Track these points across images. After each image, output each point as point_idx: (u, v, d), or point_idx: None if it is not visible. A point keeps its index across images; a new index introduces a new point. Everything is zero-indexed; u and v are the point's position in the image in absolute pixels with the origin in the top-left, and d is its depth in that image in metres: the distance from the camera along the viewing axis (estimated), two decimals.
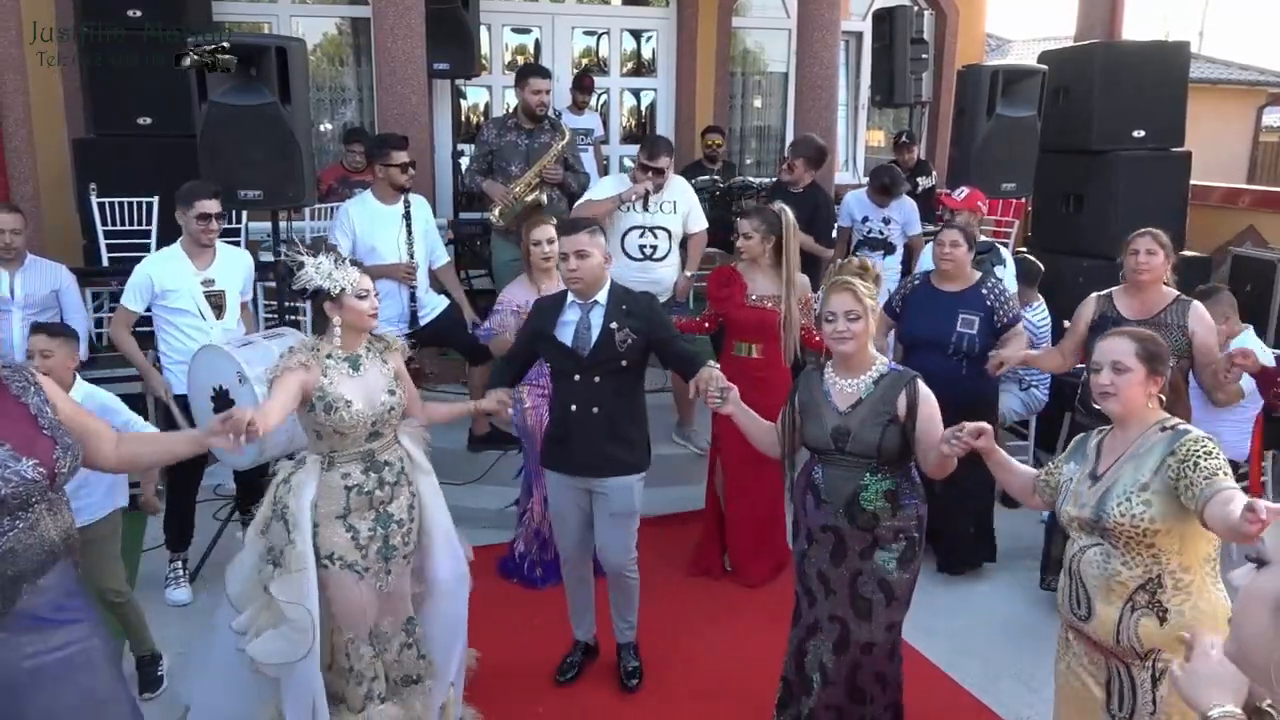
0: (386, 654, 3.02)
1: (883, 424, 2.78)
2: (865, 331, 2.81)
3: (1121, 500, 2.33)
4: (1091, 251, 6.41)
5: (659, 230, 5.04)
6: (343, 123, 7.98)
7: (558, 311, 3.36)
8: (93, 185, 5.99)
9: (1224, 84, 15.88)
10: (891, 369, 2.88)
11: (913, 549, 2.87)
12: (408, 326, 4.88)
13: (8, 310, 4.60)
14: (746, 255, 4.27)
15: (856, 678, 2.91)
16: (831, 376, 2.91)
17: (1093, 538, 2.41)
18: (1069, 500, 2.48)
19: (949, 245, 4.32)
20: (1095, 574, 2.38)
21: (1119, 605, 2.34)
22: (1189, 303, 3.90)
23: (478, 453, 5.28)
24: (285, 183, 4.47)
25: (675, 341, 3.38)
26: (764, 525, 4.50)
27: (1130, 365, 2.41)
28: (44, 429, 2.24)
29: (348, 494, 2.85)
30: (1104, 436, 2.52)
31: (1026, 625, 4.17)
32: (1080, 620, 2.43)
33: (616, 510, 3.42)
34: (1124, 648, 2.34)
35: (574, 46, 8.52)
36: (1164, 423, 2.40)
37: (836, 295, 2.83)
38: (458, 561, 3.11)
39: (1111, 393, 2.42)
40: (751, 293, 4.27)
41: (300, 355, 2.80)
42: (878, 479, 2.82)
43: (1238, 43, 38.27)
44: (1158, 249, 3.89)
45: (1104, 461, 2.46)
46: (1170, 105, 6.43)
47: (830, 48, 6.39)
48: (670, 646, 3.91)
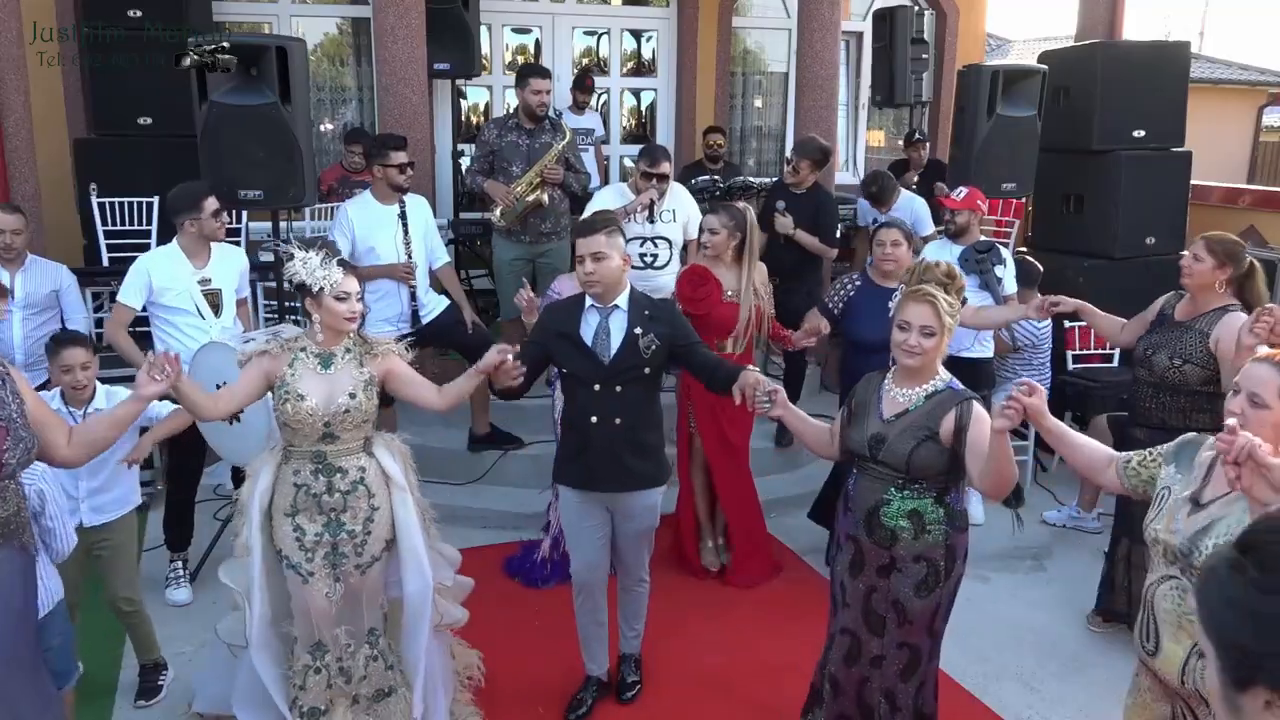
0: (341, 675, 2.95)
1: (918, 438, 2.63)
2: (936, 349, 2.65)
3: (1220, 542, 2.07)
4: (1092, 251, 6.41)
5: (660, 240, 5.08)
6: (343, 123, 7.98)
7: (578, 316, 3.20)
8: (93, 185, 5.99)
9: (1224, 84, 15.88)
10: (950, 386, 2.70)
11: (936, 578, 2.70)
12: (408, 326, 4.88)
13: (8, 310, 4.60)
14: (712, 251, 4.29)
15: (864, 692, 2.84)
16: (889, 383, 2.78)
17: (1173, 569, 2.20)
18: (1162, 519, 2.25)
19: (890, 245, 4.26)
20: (1169, 608, 2.19)
21: (1188, 645, 2.14)
22: (1226, 312, 3.69)
23: (478, 453, 5.29)
24: (286, 183, 4.46)
25: (699, 348, 3.26)
26: (751, 522, 4.51)
27: (1270, 403, 2.14)
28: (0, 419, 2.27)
29: (295, 491, 2.85)
30: (1218, 456, 2.19)
31: (1027, 625, 4.17)
32: (1148, 654, 2.25)
33: (638, 528, 3.35)
34: (1188, 690, 2.16)
35: (574, 46, 8.52)
36: None
37: (915, 305, 2.64)
38: (424, 582, 2.99)
39: (1239, 425, 2.13)
40: (726, 289, 4.29)
41: (272, 343, 2.85)
42: (903, 496, 2.68)
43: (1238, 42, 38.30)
44: (1205, 257, 3.72)
45: (1212, 489, 2.19)
46: (1171, 105, 6.43)
47: (830, 48, 6.38)
48: (669, 647, 3.91)
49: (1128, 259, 6.32)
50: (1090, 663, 3.91)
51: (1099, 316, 4.23)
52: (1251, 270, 3.76)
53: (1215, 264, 3.70)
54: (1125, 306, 5.53)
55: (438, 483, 5.12)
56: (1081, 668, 3.87)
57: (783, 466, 5.49)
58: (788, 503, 5.10)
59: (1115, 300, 5.89)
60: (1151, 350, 3.85)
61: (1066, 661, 3.91)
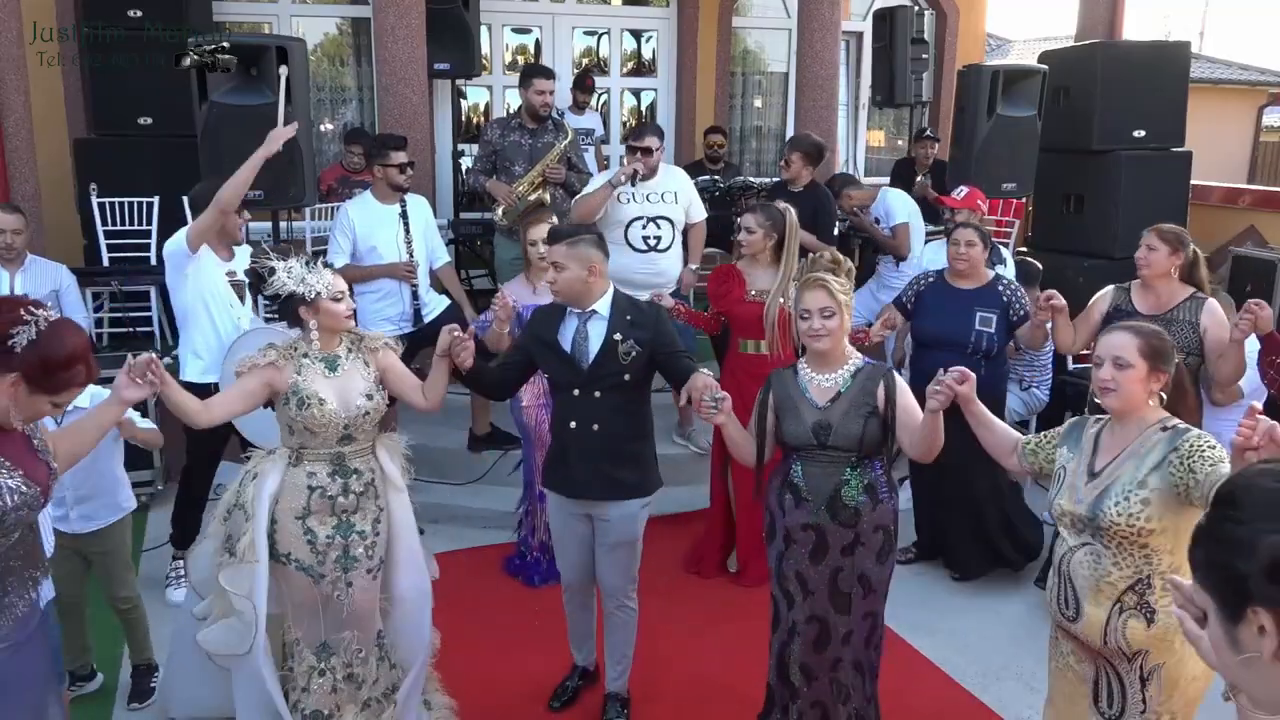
0: (353, 679, 2.94)
1: (864, 416, 2.78)
2: (840, 328, 2.82)
3: (1120, 499, 2.30)
4: (1092, 251, 6.41)
5: (661, 220, 4.99)
6: (343, 123, 7.99)
7: (559, 320, 3.19)
8: (93, 185, 5.99)
9: (1224, 84, 15.88)
10: (866, 362, 2.89)
11: (890, 543, 2.89)
12: (410, 325, 4.88)
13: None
14: (748, 250, 4.27)
15: (838, 671, 2.91)
16: (807, 372, 2.89)
17: (1083, 537, 2.39)
18: (1064, 494, 2.44)
19: (964, 245, 4.33)
20: (1085, 574, 2.36)
21: (1107, 606, 2.32)
22: (1204, 299, 3.86)
23: (478, 453, 5.29)
24: (286, 183, 4.47)
25: (679, 357, 3.16)
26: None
27: (1132, 361, 2.36)
28: (39, 453, 2.26)
29: (310, 494, 2.82)
30: (1102, 428, 2.47)
31: (1026, 625, 4.16)
32: (1068, 620, 2.42)
33: (617, 539, 3.24)
34: (1111, 649, 2.34)
35: (574, 46, 8.52)
36: (1165, 422, 2.36)
37: (810, 292, 2.83)
38: (421, 577, 3.02)
39: (1112, 388, 2.38)
40: (751, 288, 4.27)
41: (272, 354, 2.80)
42: (858, 473, 2.81)
43: (1238, 42, 38.28)
44: (1159, 245, 3.88)
45: (1102, 457, 2.42)
46: (1171, 105, 6.43)
47: (830, 48, 6.39)
48: (669, 647, 3.91)
49: (1128, 259, 6.26)
50: None
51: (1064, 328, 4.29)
52: (1196, 256, 3.97)
53: (1169, 250, 3.88)
54: None
55: (438, 483, 5.13)
56: None
57: None
58: None
59: None
60: None
61: None
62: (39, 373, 2.08)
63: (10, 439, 2.20)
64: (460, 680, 3.43)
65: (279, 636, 2.95)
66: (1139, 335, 2.40)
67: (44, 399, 2.13)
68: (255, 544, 2.76)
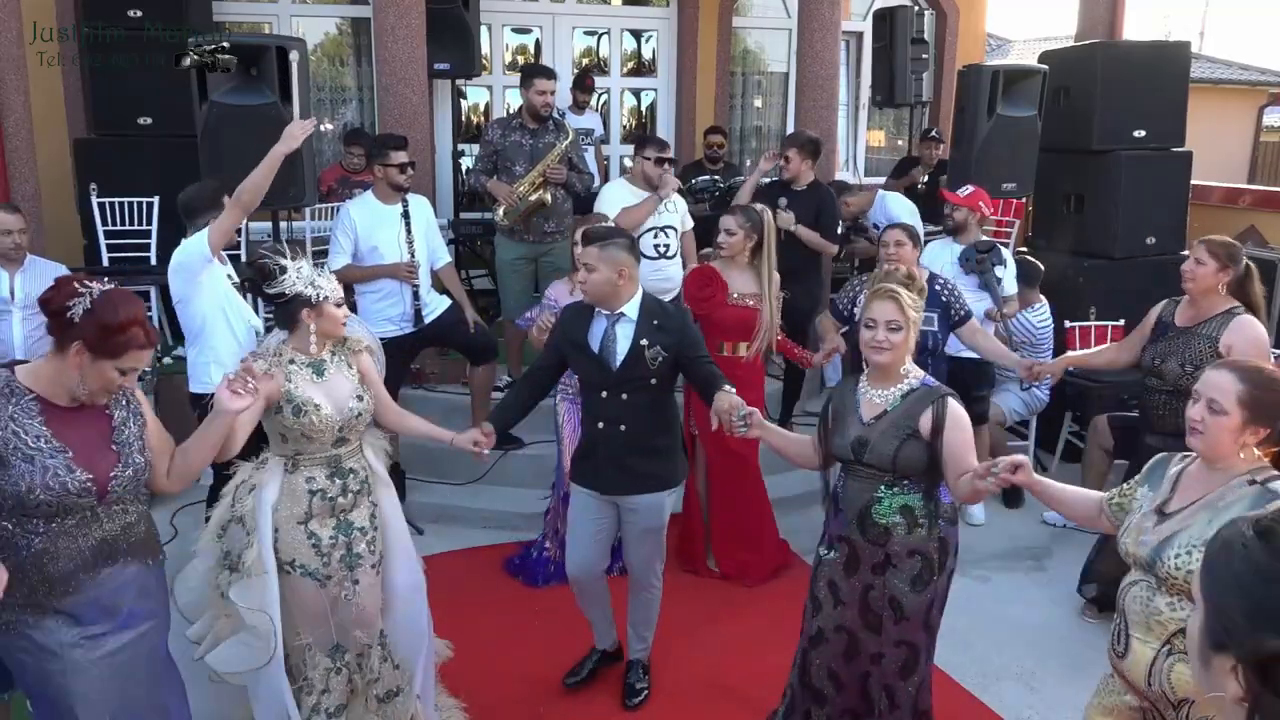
0: (359, 673, 2.96)
1: (901, 437, 2.69)
2: (904, 343, 2.73)
3: (1182, 553, 2.11)
4: (1092, 251, 6.41)
5: (669, 229, 5.17)
6: (343, 123, 7.98)
7: (588, 321, 3.26)
8: (93, 185, 5.99)
9: (1225, 84, 15.88)
10: (924, 384, 2.78)
11: (930, 571, 2.75)
12: (411, 326, 4.88)
13: (8, 311, 4.60)
14: (728, 252, 4.29)
15: (866, 685, 2.88)
16: (864, 386, 2.84)
17: (1146, 575, 2.22)
18: (1130, 533, 2.27)
19: (893, 245, 4.32)
20: (1137, 610, 2.20)
21: (1155, 645, 2.15)
22: (1234, 315, 3.74)
23: None
24: (286, 183, 4.45)
25: (704, 361, 3.24)
26: (751, 522, 4.51)
27: (1227, 408, 2.13)
28: (114, 443, 2.30)
29: (310, 498, 2.83)
30: (1186, 466, 2.27)
31: (1027, 625, 4.17)
32: (1118, 657, 2.25)
33: (645, 527, 3.36)
34: (1155, 692, 2.15)
35: (574, 46, 8.51)
36: (1256, 474, 2.12)
37: (880, 303, 2.73)
38: (414, 571, 3.07)
39: (1200, 430, 2.17)
40: (732, 291, 4.27)
41: (262, 363, 2.75)
42: (893, 493, 2.74)
43: (1238, 42, 38.29)
44: (1207, 259, 3.76)
45: (1178, 499, 2.22)
46: (1171, 105, 6.42)
47: (831, 48, 6.38)
48: (668, 647, 3.91)
49: (1128, 259, 6.31)
50: (1090, 662, 3.89)
51: (1090, 357, 4.34)
52: (1249, 270, 3.82)
53: (1218, 266, 3.75)
54: (1125, 306, 5.56)
55: (438, 483, 5.14)
56: (1081, 667, 3.86)
57: (784, 466, 5.47)
58: (790, 502, 5.10)
59: (1115, 300, 5.93)
60: (1160, 359, 3.88)
61: (1066, 662, 3.90)
62: (98, 338, 2.21)
63: (89, 421, 2.30)
64: (461, 680, 3.44)
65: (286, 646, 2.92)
66: (1243, 380, 2.14)
67: (108, 364, 2.24)
68: (261, 556, 2.75)
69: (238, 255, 4.92)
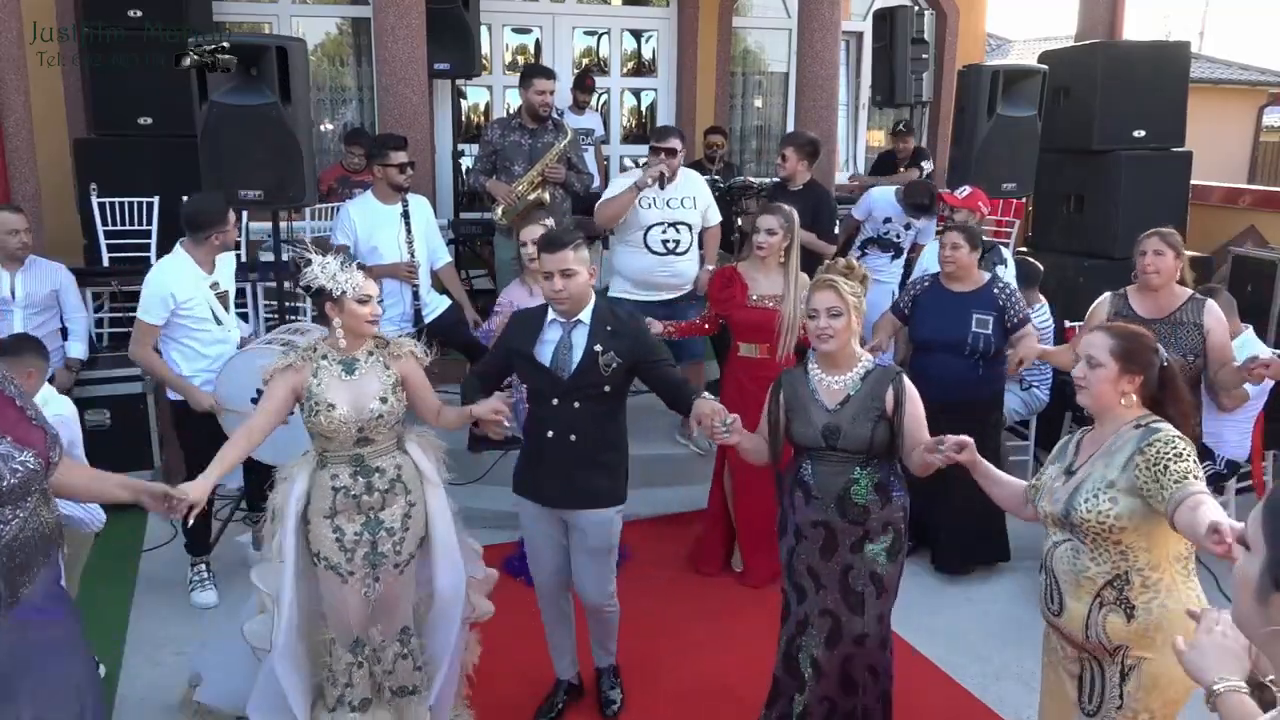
0: (378, 664, 2.98)
1: (873, 420, 2.82)
2: (847, 329, 2.85)
3: (1089, 497, 2.33)
4: (1092, 251, 6.41)
5: (680, 225, 5.01)
6: (343, 123, 7.99)
7: (538, 329, 3.12)
8: (93, 185, 5.99)
9: (1225, 84, 15.89)
10: (878, 364, 2.92)
11: (899, 540, 2.92)
12: (411, 325, 4.89)
13: (8, 310, 4.61)
14: (768, 252, 4.21)
15: (848, 669, 2.93)
16: (817, 374, 2.93)
17: (1064, 533, 2.42)
18: (1044, 498, 2.49)
19: (950, 248, 4.33)
20: (1065, 569, 2.40)
21: (1088, 601, 2.35)
22: (1204, 300, 3.90)
23: (479, 453, 5.28)
24: (286, 183, 4.47)
25: (661, 366, 3.13)
26: (770, 524, 4.50)
27: (1102, 360, 2.39)
28: (33, 420, 2.28)
29: (334, 495, 2.85)
30: (1084, 434, 2.53)
31: (1027, 625, 4.15)
32: (1053, 615, 2.45)
33: (593, 546, 3.22)
34: (1093, 643, 2.36)
35: (574, 46, 8.52)
36: (1140, 419, 2.38)
37: (819, 292, 2.88)
38: (457, 577, 3.01)
39: (1083, 386, 2.44)
40: (753, 293, 4.26)
41: (292, 356, 2.85)
42: (867, 472, 2.86)
43: (1238, 42, 38.27)
44: (1166, 249, 3.90)
45: (1080, 458, 2.47)
46: (1171, 105, 6.43)
47: (831, 47, 6.39)
48: (668, 647, 3.91)
49: (1128, 259, 6.28)
50: None
51: (1058, 353, 4.38)
52: None
53: (1174, 255, 3.93)
54: None
55: None
56: None
57: None
58: None
59: None
60: None
61: None
62: None
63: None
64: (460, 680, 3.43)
65: (317, 636, 2.98)
66: (1114, 336, 2.43)
67: None
68: (282, 545, 2.82)
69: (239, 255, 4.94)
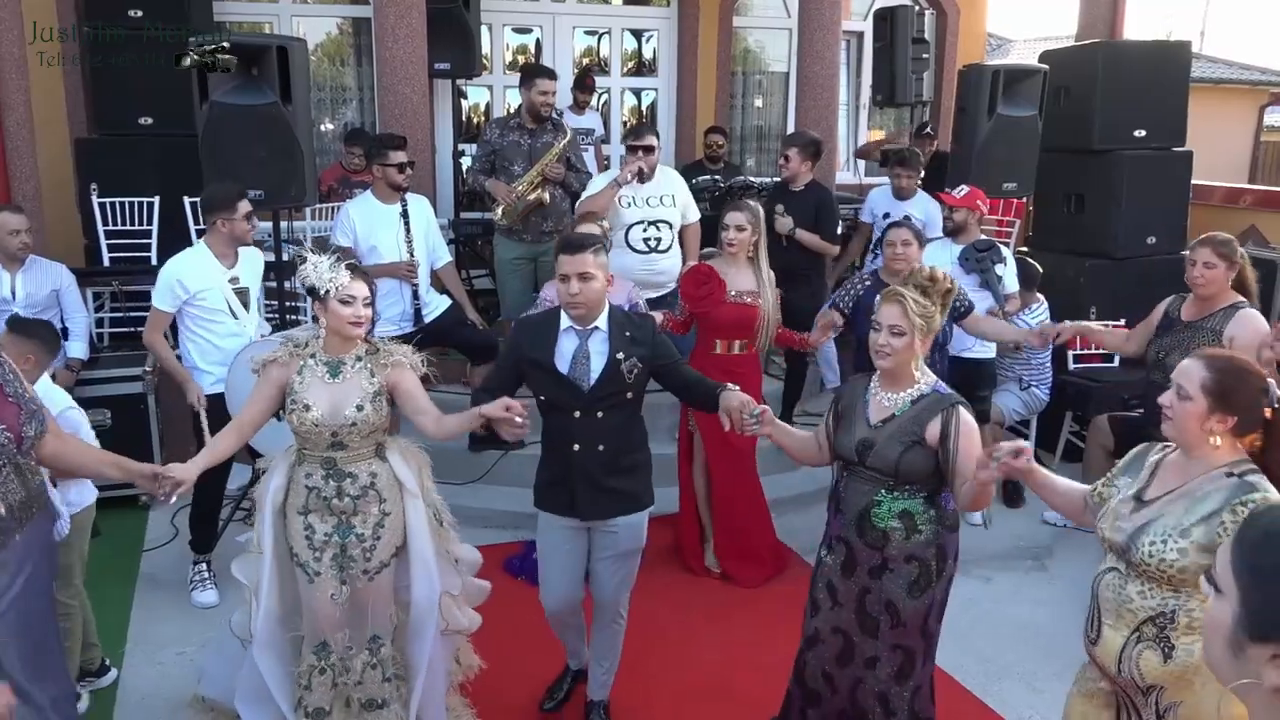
0: (346, 674, 2.94)
1: (905, 444, 2.65)
2: (908, 348, 2.67)
3: (1157, 541, 2.14)
4: (1092, 251, 6.40)
5: (661, 223, 5.08)
6: (343, 123, 7.99)
7: (553, 339, 3.00)
8: (94, 185, 5.99)
9: (1226, 83, 15.88)
10: (935, 390, 2.72)
11: (928, 578, 2.72)
12: (411, 325, 4.89)
13: (9, 310, 4.59)
14: (737, 249, 4.26)
15: (857, 692, 2.83)
16: (875, 387, 2.79)
17: (1118, 562, 2.25)
18: (1107, 518, 2.30)
19: (900, 245, 4.33)
20: (1110, 596, 2.24)
21: (1125, 633, 2.20)
22: (1238, 309, 3.80)
23: (478, 453, 5.28)
24: (286, 182, 4.47)
25: (680, 366, 3.10)
26: (751, 522, 4.51)
27: (1191, 394, 2.17)
28: (9, 396, 2.30)
29: (308, 493, 2.85)
30: (1166, 455, 2.30)
31: (1028, 625, 4.16)
32: (1090, 643, 2.30)
33: (625, 549, 3.16)
34: (1124, 679, 2.21)
35: (575, 46, 8.51)
36: (1234, 467, 2.14)
37: (886, 306, 2.69)
38: (431, 589, 2.96)
39: (1169, 417, 2.22)
40: (730, 289, 4.27)
41: (281, 350, 2.85)
42: (893, 498, 2.70)
43: (1239, 42, 38.15)
44: (1218, 262, 3.81)
45: (1155, 486, 2.25)
46: (1172, 105, 6.42)
47: (831, 47, 6.38)
48: (667, 648, 3.91)
49: (1128, 259, 6.31)
50: None
51: (1102, 333, 4.37)
52: (1244, 259, 3.93)
53: (1227, 266, 3.83)
54: (1125, 306, 5.56)
55: (438, 482, 5.05)
56: None
57: (784, 466, 5.48)
58: (790, 503, 5.10)
59: (1115, 300, 5.93)
60: (1164, 353, 3.93)
61: (1069, 662, 3.86)
62: None
63: None
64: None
65: (296, 630, 2.98)
66: (1209, 368, 2.18)
67: None
68: (260, 537, 2.85)
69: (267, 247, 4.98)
